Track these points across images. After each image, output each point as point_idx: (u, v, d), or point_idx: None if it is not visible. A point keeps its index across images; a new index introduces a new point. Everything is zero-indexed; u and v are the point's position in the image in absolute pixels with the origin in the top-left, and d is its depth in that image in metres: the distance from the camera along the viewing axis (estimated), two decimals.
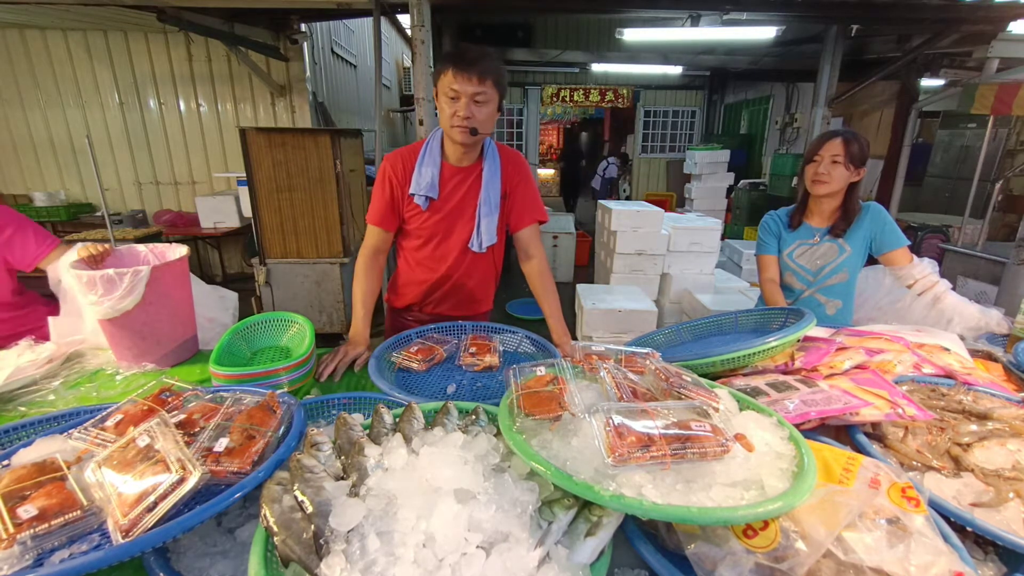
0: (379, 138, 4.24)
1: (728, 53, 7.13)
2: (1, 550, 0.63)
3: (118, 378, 1.37)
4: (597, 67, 8.41)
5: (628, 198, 9.73)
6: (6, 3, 3.91)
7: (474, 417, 0.90)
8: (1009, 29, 4.25)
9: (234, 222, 5.07)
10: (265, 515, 0.67)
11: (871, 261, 1.88)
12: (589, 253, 6.64)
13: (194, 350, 1.56)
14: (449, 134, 1.51)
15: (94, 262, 1.46)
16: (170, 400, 0.92)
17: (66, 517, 0.67)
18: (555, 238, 6.03)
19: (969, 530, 0.75)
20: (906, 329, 1.42)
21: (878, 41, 5.76)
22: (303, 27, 5.15)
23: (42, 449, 0.82)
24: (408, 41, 6.70)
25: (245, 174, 3.72)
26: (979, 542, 0.77)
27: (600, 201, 5.02)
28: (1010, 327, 1.54)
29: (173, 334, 1.47)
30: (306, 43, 5.30)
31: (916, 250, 2.02)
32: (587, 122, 16.33)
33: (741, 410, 0.91)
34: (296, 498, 0.69)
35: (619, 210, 4.33)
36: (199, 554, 0.73)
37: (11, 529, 0.65)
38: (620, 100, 9.20)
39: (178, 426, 0.80)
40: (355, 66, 7.25)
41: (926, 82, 5.90)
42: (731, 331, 1.58)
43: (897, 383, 1.11)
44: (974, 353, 1.39)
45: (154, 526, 0.64)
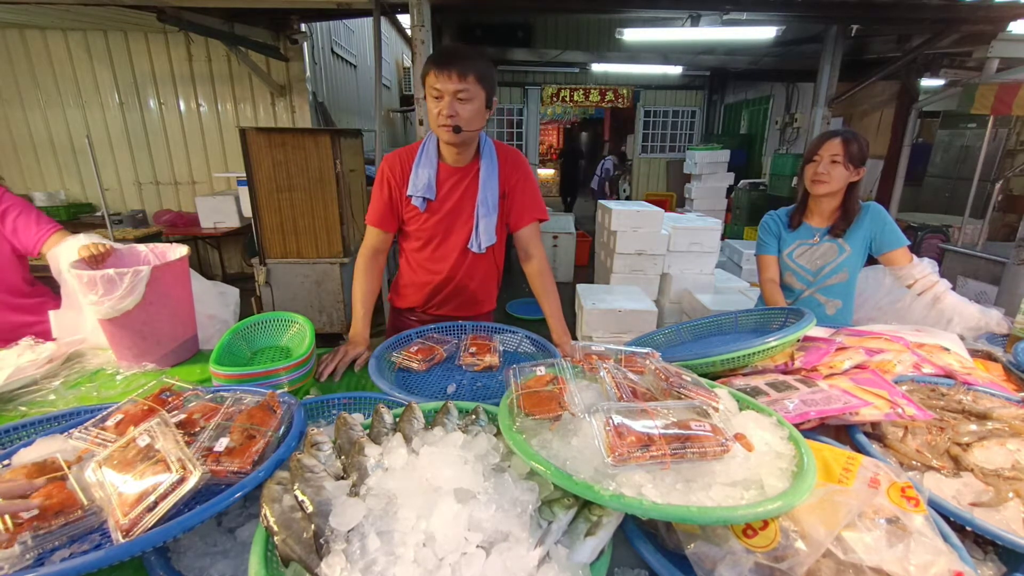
0: (379, 138, 4.24)
1: (728, 53, 7.12)
2: (1, 550, 0.63)
3: (118, 378, 1.37)
4: (597, 67, 8.40)
5: (628, 198, 9.74)
6: (6, 3, 3.91)
7: (474, 417, 0.90)
8: (1009, 29, 4.25)
9: (234, 222, 5.07)
10: (265, 515, 0.67)
11: (871, 261, 1.88)
12: (589, 253, 6.65)
13: (194, 350, 1.57)
14: (436, 133, 1.51)
15: (95, 262, 1.46)
16: (170, 400, 0.92)
17: (67, 517, 0.67)
18: (555, 238, 6.04)
19: (969, 530, 0.75)
20: (906, 329, 1.42)
21: (878, 41, 5.76)
22: (303, 27, 5.15)
23: (43, 449, 0.82)
24: (408, 41, 6.70)
25: (245, 174, 3.72)
26: (979, 542, 0.77)
27: (600, 201, 5.02)
28: (1010, 327, 1.54)
29: (173, 334, 1.47)
30: (306, 43, 5.31)
31: (916, 250, 2.02)
32: (587, 122, 16.35)
33: (741, 410, 0.91)
34: (296, 498, 0.69)
35: (619, 210, 4.34)
36: (199, 554, 0.73)
37: (11, 529, 0.65)
38: (620, 100, 9.21)
39: (178, 426, 0.80)
40: (355, 66, 7.25)
41: (926, 82, 5.89)
42: (731, 331, 1.58)
43: (897, 383, 1.11)
44: (974, 353, 1.39)
45: (154, 526, 0.64)
